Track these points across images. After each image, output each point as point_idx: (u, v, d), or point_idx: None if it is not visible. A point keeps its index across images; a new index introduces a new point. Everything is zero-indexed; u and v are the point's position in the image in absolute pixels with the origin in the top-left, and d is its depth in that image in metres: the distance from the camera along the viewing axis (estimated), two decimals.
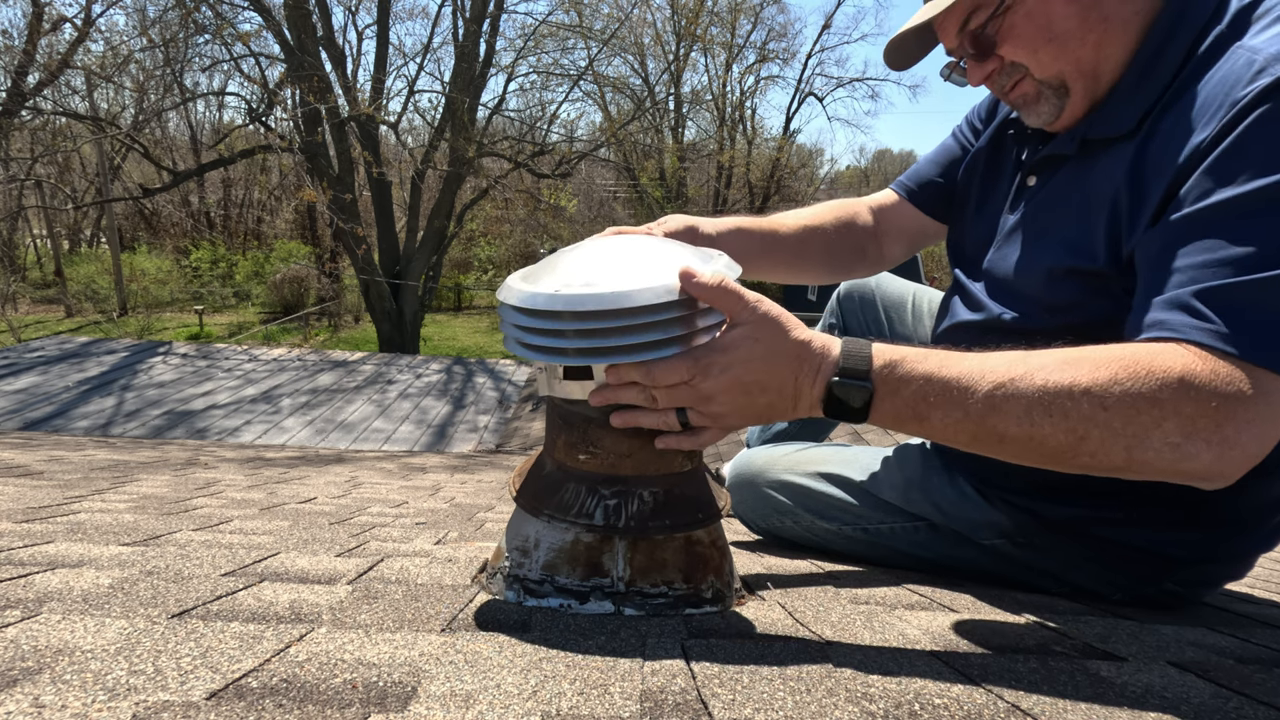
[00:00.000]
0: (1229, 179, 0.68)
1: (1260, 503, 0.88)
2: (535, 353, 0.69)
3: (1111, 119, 0.83)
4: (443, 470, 3.05)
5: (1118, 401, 0.63)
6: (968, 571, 1.07)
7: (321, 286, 19.64)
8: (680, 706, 0.52)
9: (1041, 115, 0.89)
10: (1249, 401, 0.62)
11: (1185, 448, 0.63)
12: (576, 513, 0.74)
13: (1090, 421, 0.64)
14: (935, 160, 1.18)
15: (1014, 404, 0.66)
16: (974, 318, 0.97)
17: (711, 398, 0.69)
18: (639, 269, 0.70)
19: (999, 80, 0.90)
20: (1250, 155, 0.67)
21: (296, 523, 1.25)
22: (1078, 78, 0.84)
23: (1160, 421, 0.63)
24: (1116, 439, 0.64)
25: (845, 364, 0.69)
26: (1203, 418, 0.62)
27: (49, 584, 0.70)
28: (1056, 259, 0.86)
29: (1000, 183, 1.04)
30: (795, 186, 28.72)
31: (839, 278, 1.29)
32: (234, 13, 12.14)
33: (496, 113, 15.82)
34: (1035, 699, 0.57)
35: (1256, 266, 0.64)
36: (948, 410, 0.68)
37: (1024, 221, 0.93)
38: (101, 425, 6.48)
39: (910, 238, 1.22)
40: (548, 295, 0.68)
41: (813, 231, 1.17)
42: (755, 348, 0.69)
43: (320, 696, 0.50)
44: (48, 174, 18.38)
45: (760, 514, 1.33)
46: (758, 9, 24.64)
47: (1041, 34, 0.83)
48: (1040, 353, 0.69)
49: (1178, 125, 0.74)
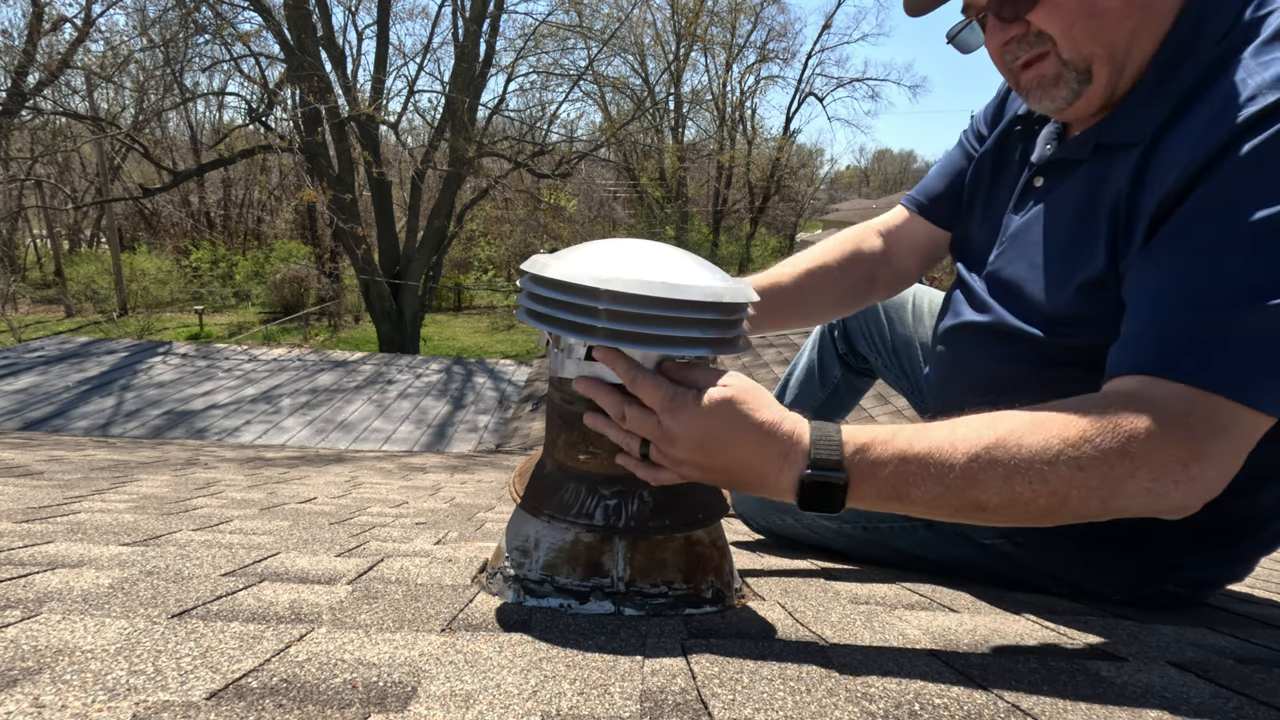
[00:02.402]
0: (1208, 212, 0.69)
1: (1263, 507, 0.88)
2: (562, 328, 0.69)
3: (1127, 125, 0.80)
4: (442, 470, 3.05)
5: (1091, 461, 0.64)
6: (967, 571, 1.07)
7: (321, 286, 19.63)
8: (680, 706, 0.52)
9: (1056, 100, 0.85)
10: (1213, 439, 0.65)
11: (1156, 491, 0.65)
12: (576, 513, 0.74)
13: (1069, 484, 0.65)
14: (942, 172, 1.18)
15: (992, 474, 0.66)
16: (980, 319, 0.97)
17: (675, 441, 0.69)
18: (680, 267, 0.71)
19: (1016, 49, 0.84)
20: (1231, 189, 0.68)
21: (296, 523, 1.25)
22: (1105, 63, 0.80)
23: (1134, 473, 0.65)
24: (1094, 494, 0.65)
25: (816, 454, 0.67)
26: (1172, 461, 0.64)
27: (49, 584, 0.70)
28: (1063, 267, 0.84)
29: (1005, 180, 1.03)
30: (795, 186, 28.72)
31: (854, 309, 1.29)
32: (234, 13, 12.13)
33: (496, 113, 15.81)
34: (1035, 699, 0.57)
35: (1228, 301, 0.66)
36: (927, 487, 0.67)
37: (1031, 225, 0.92)
38: (101, 425, 6.48)
39: (925, 253, 1.21)
40: (593, 273, 0.68)
41: (812, 274, 1.17)
42: (723, 411, 0.68)
43: (320, 696, 0.50)
44: (48, 174, 18.39)
45: (761, 511, 1.33)
46: (758, 9, 24.64)
47: (1084, 7, 0.78)
48: (1009, 416, 0.69)
49: (1180, 141, 0.73)
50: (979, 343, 0.97)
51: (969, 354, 1.00)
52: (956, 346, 1.03)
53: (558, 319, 0.70)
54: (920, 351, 1.42)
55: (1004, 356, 0.93)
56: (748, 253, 25.09)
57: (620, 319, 0.67)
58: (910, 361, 1.43)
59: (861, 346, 1.50)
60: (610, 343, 0.69)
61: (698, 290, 0.68)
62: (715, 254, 22.99)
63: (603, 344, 0.69)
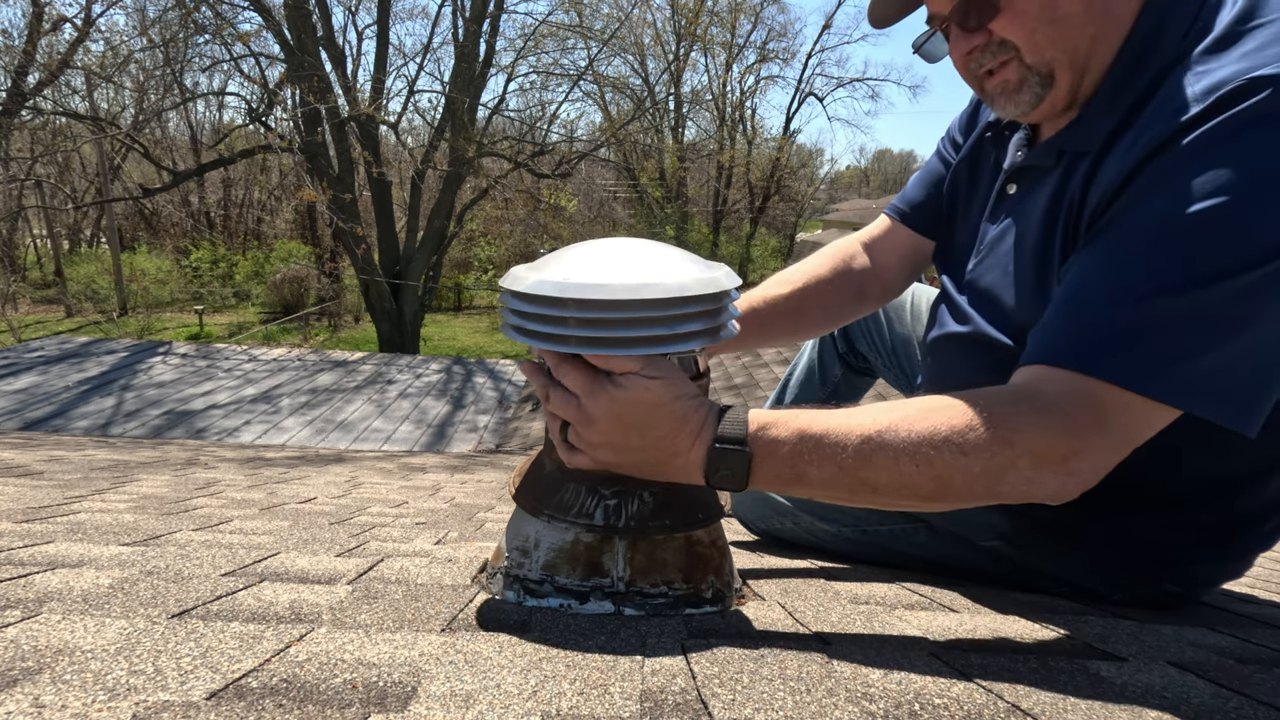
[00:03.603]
0: (1123, 215, 0.71)
1: (1259, 503, 0.88)
2: (536, 339, 0.70)
3: (1087, 132, 0.81)
4: (442, 470, 3.05)
5: (974, 447, 0.67)
6: (966, 572, 1.07)
7: (321, 286, 19.63)
8: (680, 706, 0.52)
9: (1019, 105, 0.85)
10: (1096, 432, 0.67)
11: (1036, 480, 0.68)
12: (576, 513, 0.74)
13: (952, 467, 0.67)
14: (921, 180, 1.18)
15: (882, 454, 0.68)
16: (961, 330, 0.97)
17: (592, 422, 0.71)
18: (647, 266, 0.71)
19: (980, 58, 0.85)
20: (1145, 193, 0.70)
21: (296, 523, 1.25)
22: (1067, 68, 0.81)
23: (1014, 461, 0.67)
24: (977, 481, 0.68)
25: (723, 430, 0.70)
26: (1051, 453, 0.67)
27: (49, 584, 0.70)
28: (1033, 276, 0.85)
29: (980, 188, 1.03)
30: (795, 186, 28.73)
31: (844, 324, 1.30)
32: (234, 13, 12.14)
33: (496, 113, 15.82)
34: (1035, 699, 0.57)
35: (1127, 294, 0.68)
36: (822, 465, 0.69)
37: (1004, 234, 0.93)
38: (101, 425, 6.48)
39: (910, 262, 1.22)
40: (556, 283, 0.68)
41: (805, 292, 1.18)
42: (645, 394, 0.70)
43: (320, 696, 0.50)
44: (48, 174, 18.39)
45: (759, 515, 1.33)
46: (758, 9, 24.66)
47: (1045, 13, 0.79)
48: (905, 403, 0.72)
49: (1122, 148, 0.74)
50: (960, 353, 0.98)
51: (952, 364, 1.01)
52: (941, 357, 1.04)
53: (532, 331, 0.70)
54: (919, 351, 1.42)
55: (982, 366, 0.93)
56: (748, 253, 25.07)
57: (590, 325, 0.68)
58: (909, 361, 1.43)
59: (861, 346, 1.50)
60: (585, 350, 0.69)
61: (662, 288, 0.68)
62: (715, 254, 22.96)
63: (576, 351, 0.70)
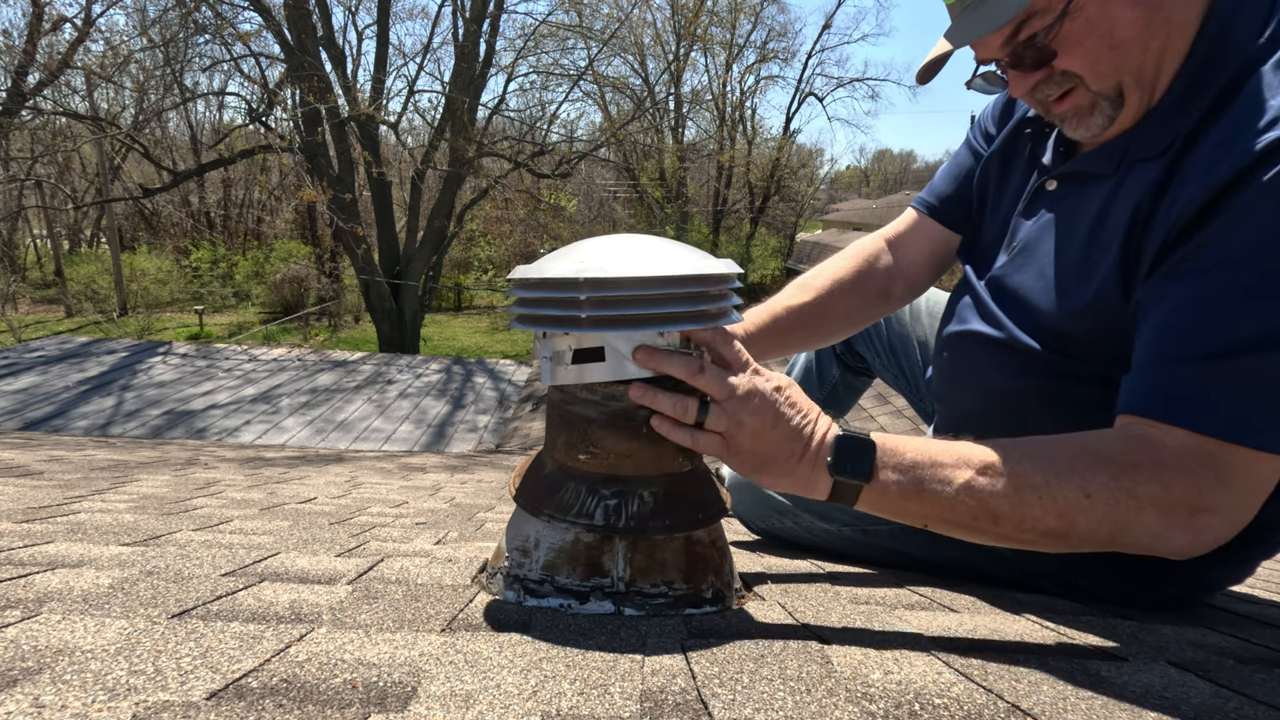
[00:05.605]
0: (1217, 248, 0.68)
1: (1267, 515, 0.87)
2: (548, 324, 0.71)
3: (1152, 138, 0.78)
4: (442, 470, 3.05)
5: (1099, 491, 0.67)
6: (967, 572, 1.07)
7: (321, 286, 19.62)
8: (680, 706, 0.52)
9: (1091, 128, 0.83)
10: (1222, 490, 0.66)
11: (1164, 534, 0.68)
12: (576, 513, 0.74)
13: (1076, 508, 0.67)
14: (949, 173, 1.17)
15: (1003, 484, 0.69)
16: (990, 333, 0.95)
17: (748, 399, 0.70)
18: (652, 253, 0.72)
19: (1044, 90, 0.83)
20: (1240, 226, 0.67)
21: (296, 523, 1.25)
22: (1135, 86, 0.79)
23: (1139, 512, 0.67)
24: (1100, 525, 0.68)
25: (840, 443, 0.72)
26: (1179, 509, 0.67)
27: (49, 584, 0.70)
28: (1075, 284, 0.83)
29: (1014, 181, 1.01)
30: (795, 186, 28.69)
31: (869, 324, 1.30)
32: (234, 13, 12.13)
33: (496, 113, 15.80)
34: (1035, 699, 0.57)
35: (1235, 346, 0.66)
36: (943, 486, 0.70)
37: (1043, 235, 0.90)
38: (101, 425, 6.48)
39: (938, 257, 1.20)
40: (570, 264, 0.70)
41: (827, 297, 1.18)
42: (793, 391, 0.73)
43: (320, 696, 0.50)
44: (48, 174, 18.36)
45: (760, 514, 1.33)
46: (758, 9, 24.64)
47: (1103, 42, 0.76)
48: (1023, 440, 0.73)
49: (1198, 160, 0.72)
50: (983, 352, 0.97)
51: (974, 363, 0.99)
52: (960, 354, 1.02)
53: (543, 316, 0.71)
54: (918, 350, 1.41)
55: (1007, 368, 0.92)
56: (748, 253, 25.05)
57: (602, 304, 0.69)
58: (908, 360, 1.43)
59: (859, 345, 1.49)
60: (596, 329, 0.70)
61: (674, 266, 0.70)
62: (715, 254, 22.76)
63: (589, 332, 0.70)
